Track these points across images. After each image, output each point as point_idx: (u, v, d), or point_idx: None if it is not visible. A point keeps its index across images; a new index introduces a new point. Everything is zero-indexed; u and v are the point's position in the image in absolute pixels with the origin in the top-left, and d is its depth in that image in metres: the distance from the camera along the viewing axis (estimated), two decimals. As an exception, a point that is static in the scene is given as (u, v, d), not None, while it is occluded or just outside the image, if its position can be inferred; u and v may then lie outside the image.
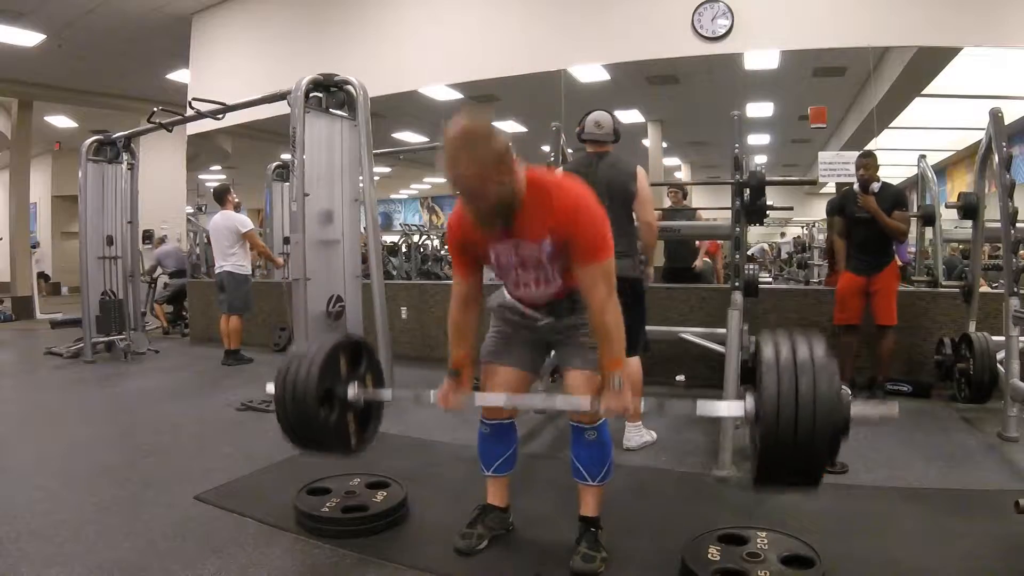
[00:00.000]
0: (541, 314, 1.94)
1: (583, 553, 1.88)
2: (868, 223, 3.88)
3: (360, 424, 2.09)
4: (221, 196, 5.69)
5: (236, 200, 5.76)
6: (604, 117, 3.11)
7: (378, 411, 2.16)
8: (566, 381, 1.95)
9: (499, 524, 2.08)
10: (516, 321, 2.01)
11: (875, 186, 3.88)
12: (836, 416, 1.47)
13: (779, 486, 1.60)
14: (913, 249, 5.37)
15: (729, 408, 1.75)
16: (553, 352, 2.09)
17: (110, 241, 5.93)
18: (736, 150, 3.39)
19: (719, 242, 6.24)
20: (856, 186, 3.99)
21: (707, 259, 5.99)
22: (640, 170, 3.05)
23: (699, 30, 4.95)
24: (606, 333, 1.75)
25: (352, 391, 2.00)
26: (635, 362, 3.02)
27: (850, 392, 1.53)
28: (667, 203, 5.42)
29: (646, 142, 7.20)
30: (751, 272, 3.46)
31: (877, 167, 3.95)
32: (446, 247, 8.75)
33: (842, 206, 4.07)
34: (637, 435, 3.14)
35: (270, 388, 2.01)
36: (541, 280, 1.86)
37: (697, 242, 5.60)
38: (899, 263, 4.27)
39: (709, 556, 1.86)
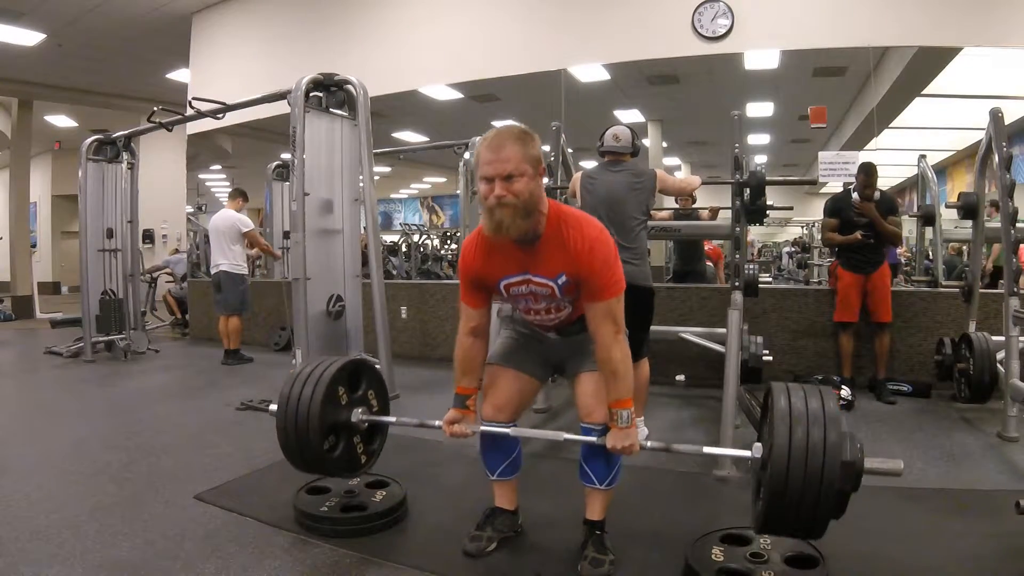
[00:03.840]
0: (551, 333, 2.00)
1: (591, 557, 1.87)
2: (864, 226, 4.02)
3: (366, 441, 2.12)
4: (235, 195, 5.71)
5: (243, 204, 5.76)
6: (623, 131, 3.19)
7: (384, 427, 2.19)
8: (577, 387, 1.95)
9: (508, 526, 2.07)
10: (527, 333, 2.05)
11: (876, 194, 4.03)
12: (848, 469, 1.48)
13: (782, 535, 1.61)
14: (902, 250, 5.40)
15: (737, 453, 1.76)
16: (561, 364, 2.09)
17: (110, 234, 5.92)
18: (736, 150, 3.39)
19: (719, 248, 6.26)
20: (855, 196, 4.07)
21: (708, 263, 5.99)
22: (659, 171, 3.24)
23: (699, 30, 4.95)
24: (613, 370, 1.77)
25: (355, 417, 2.04)
26: (643, 362, 3.08)
27: (860, 444, 1.53)
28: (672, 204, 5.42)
29: (646, 142, 7.19)
30: (751, 272, 3.46)
31: (877, 178, 4.06)
32: (446, 245, 8.81)
33: (838, 209, 4.13)
34: (641, 431, 3.16)
35: (273, 408, 2.06)
36: (552, 309, 1.89)
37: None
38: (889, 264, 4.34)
39: (713, 557, 1.85)
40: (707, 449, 1.73)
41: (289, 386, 2.00)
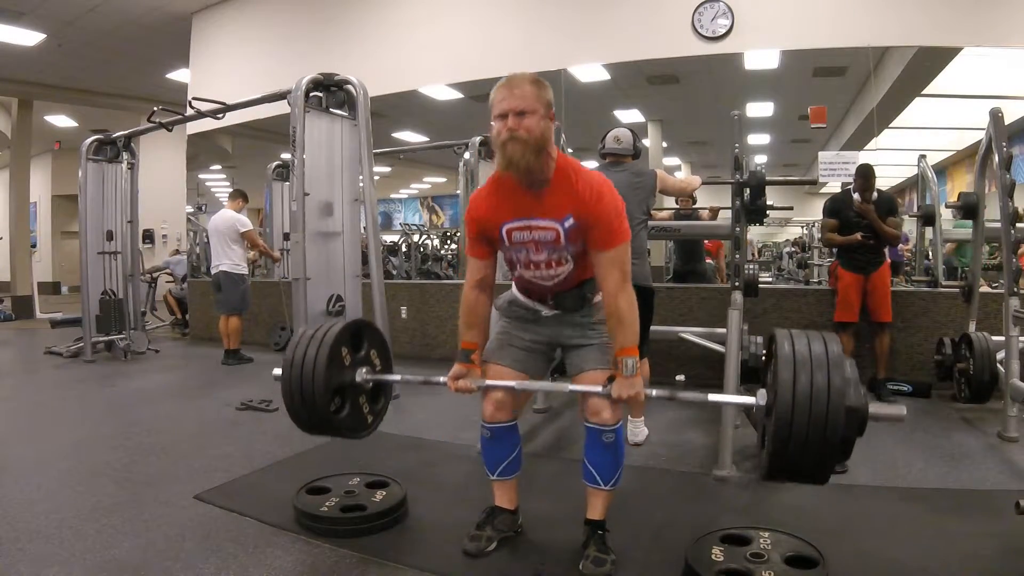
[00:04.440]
0: (547, 306, 1.95)
1: (593, 557, 1.87)
2: (863, 226, 4.02)
3: (371, 401, 2.09)
4: (235, 195, 5.71)
5: (243, 205, 5.76)
6: (624, 132, 3.24)
7: (388, 385, 2.17)
8: (577, 380, 1.94)
9: (508, 526, 2.07)
10: (523, 317, 2.01)
11: (873, 195, 4.04)
12: (852, 414, 1.45)
13: (787, 481, 1.59)
14: (906, 247, 5.41)
15: (741, 399, 1.74)
16: (560, 352, 2.06)
17: (110, 236, 5.92)
18: (736, 150, 3.39)
19: (719, 241, 6.23)
20: (856, 196, 4.07)
21: (709, 260, 5.98)
22: (659, 171, 3.32)
23: (699, 30, 4.95)
24: (620, 319, 1.77)
25: (360, 376, 2.01)
26: (644, 363, 3.06)
27: (865, 390, 1.52)
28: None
29: (646, 142, 7.18)
30: (751, 272, 3.46)
31: (875, 180, 4.08)
32: (446, 245, 8.81)
33: (837, 209, 4.14)
34: (641, 430, 3.21)
35: (277, 372, 2.01)
36: (553, 262, 1.85)
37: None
38: (890, 261, 4.37)
39: (713, 557, 1.85)
40: (711, 396, 1.73)
41: (292, 349, 1.97)
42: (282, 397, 1.97)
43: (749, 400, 1.67)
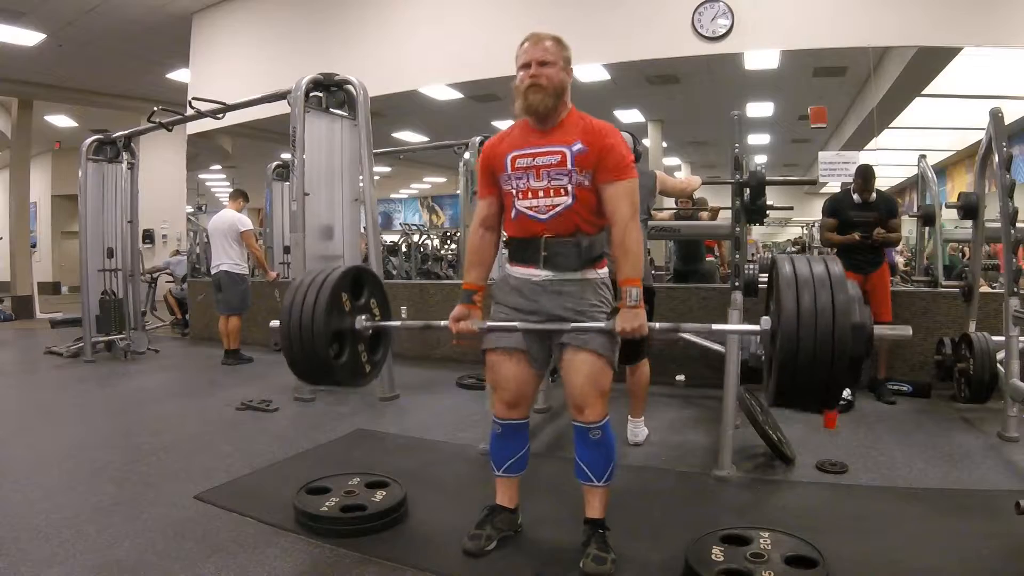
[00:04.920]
0: (539, 265, 1.86)
1: (593, 555, 1.87)
2: (862, 226, 4.01)
3: (370, 350, 2.07)
4: (236, 195, 5.71)
5: (244, 204, 5.76)
6: (625, 137, 3.16)
7: (387, 334, 2.16)
8: (567, 372, 1.88)
9: (508, 525, 2.07)
10: (519, 304, 1.90)
11: (873, 196, 4.05)
12: (858, 331, 1.43)
13: (794, 408, 1.59)
14: (902, 249, 5.41)
15: (745, 327, 1.74)
16: (554, 348, 1.96)
17: (110, 253, 5.91)
18: (736, 150, 3.39)
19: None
20: (856, 197, 4.07)
21: (710, 258, 5.98)
22: (659, 172, 3.38)
23: (699, 30, 4.95)
24: (626, 249, 1.81)
25: (359, 323, 1.99)
26: (643, 363, 3.14)
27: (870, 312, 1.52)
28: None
29: (646, 142, 7.19)
30: (751, 272, 3.46)
31: (875, 181, 4.08)
32: (446, 245, 8.80)
33: (837, 209, 4.14)
34: (641, 431, 3.22)
35: (275, 323, 1.97)
36: (551, 190, 1.84)
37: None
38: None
39: (713, 557, 1.85)
40: (715, 326, 1.73)
41: (291, 294, 1.92)
42: (280, 343, 1.94)
43: (754, 327, 1.67)
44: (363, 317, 2.00)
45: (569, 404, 1.93)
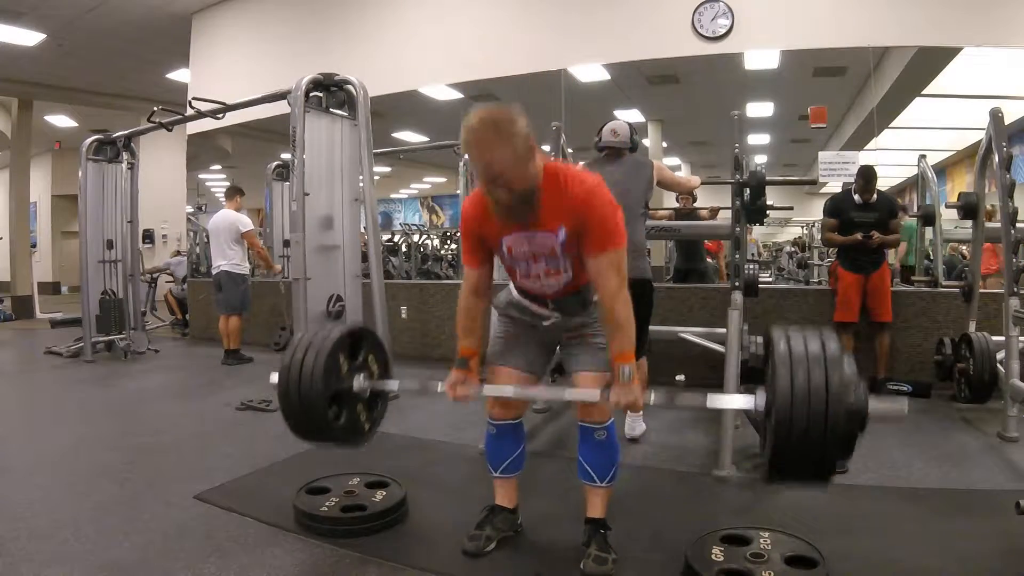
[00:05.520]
0: (548, 311, 1.92)
1: (594, 555, 1.87)
2: (863, 226, 4.03)
3: (369, 408, 2.07)
4: (232, 193, 5.69)
5: (241, 201, 5.75)
6: (620, 125, 3.22)
7: (385, 392, 2.14)
8: (572, 376, 1.94)
9: (508, 525, 2.07)
10: (522, 320, 1.99)
11: (873, 197, 4.07)
12: (853, 411, 1.44)
13: (790, 482, 1.58)
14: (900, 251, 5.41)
15: (740, 401, 1.73)
16: (560, 351, 2.05)
17: (110, 245, 5.92)
18: (736, 150, 3.39)
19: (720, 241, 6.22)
20: (857, 197, 4.07)
21: (710, 260, 5.98)
22: (657, 162, 3.30)
23: (699, 30, 4.95)
24: (617, 324, 1.73)
25: (358, 383, 1.98)
26: (642, 362, 3.17)
27: (867, 387, 1.51)
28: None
29: (646, 142, 7.19)
30: (751, 272, 3.46)
31: (876, 182, 4.10)
32: (446, 245, 8.80)
33: (838, 209, 4.14)
34: (639, 425, 3.29)
35: (274, 378, 1.98)
36: (552, 271, 1.83)
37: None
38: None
39: (713, 557, 1.85)
40: (710, 397, 1.72)
41: (290, 355, 1.94)
42: (279, 402, 1.95)
43: (748, 400, 1.65)
44: (361, 376, 2.01)
45: (578, 408, 1.94)
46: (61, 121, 11.66)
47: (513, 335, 2.02)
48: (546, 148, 4.19)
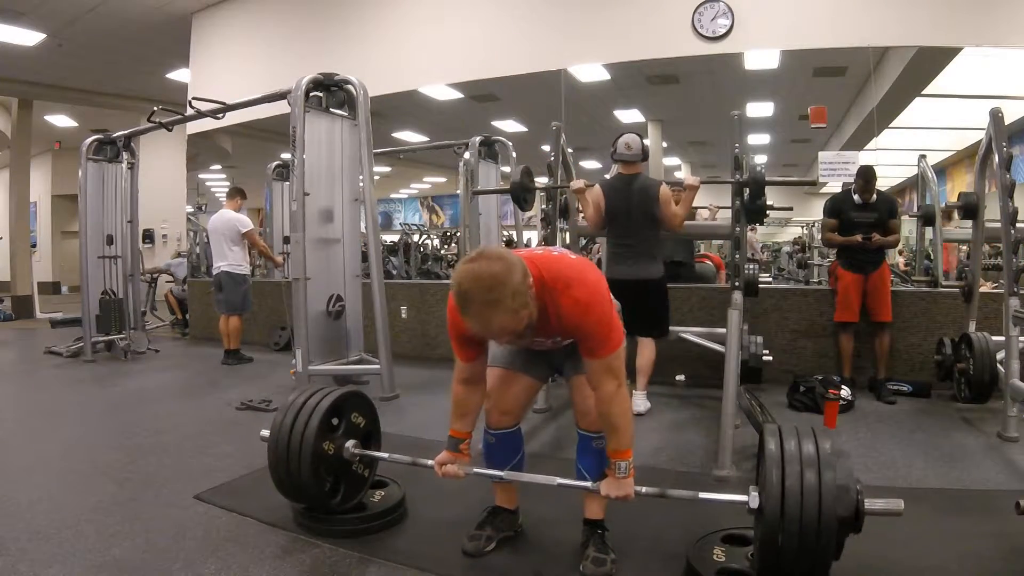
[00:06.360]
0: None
1: (593, 556, 1.87)
2: (863, 227, 4.04)
3: (367, 466, 2.27)
4: (233, 194, 5.70)
5: (242, 203, 5.75)
6: (633, 139, 3.64)
7: (378, 441, 2.33)
8: (575, 390, 1.94)
9: (508, 526, 2.07)
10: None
11: (873, 197, 4.08)
12: (846, 522, 1.46)
13: None
14: (900, 250, 5.42)
15: (733, 498, 1.76)
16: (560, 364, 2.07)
17: (110, 240, 5.93)
18: (736, 150, 3.39)
19: (719, 259, 6.21)
20: (857, 197, 4.07)
21: (708, 263, 5.96)
22: (663, 188, 3.63)
23: (699, 30, 4.95)
24: (612, 426, 1.76)
25: (347, 453, 2.14)
26: (652, 343, 3.70)
27: (860, 486, 1.52)
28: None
29: (646, 142, 7.18)
30: (751, 272, 3.47)
31: (876, 182, 4.12)
32: (445, 247, 8.79)
33: (838, 210, 4.14)
34: (643, 402, 3.62)
35: (265, 433, 2.18)
36: (550, 345, 1.89)
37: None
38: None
39: (714, 557, 1.86)
40: (703, 495, 1.75)
41: (279, 423, 2.16)
42: (268, 459, 2.16)
43: (742, 499, 1.68)
44: (351, 444, 2.17)
45: (575, 412, 1.95)
46: (61, 121, 11.66)
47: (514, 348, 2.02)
48: (545, 148, 4.19)
